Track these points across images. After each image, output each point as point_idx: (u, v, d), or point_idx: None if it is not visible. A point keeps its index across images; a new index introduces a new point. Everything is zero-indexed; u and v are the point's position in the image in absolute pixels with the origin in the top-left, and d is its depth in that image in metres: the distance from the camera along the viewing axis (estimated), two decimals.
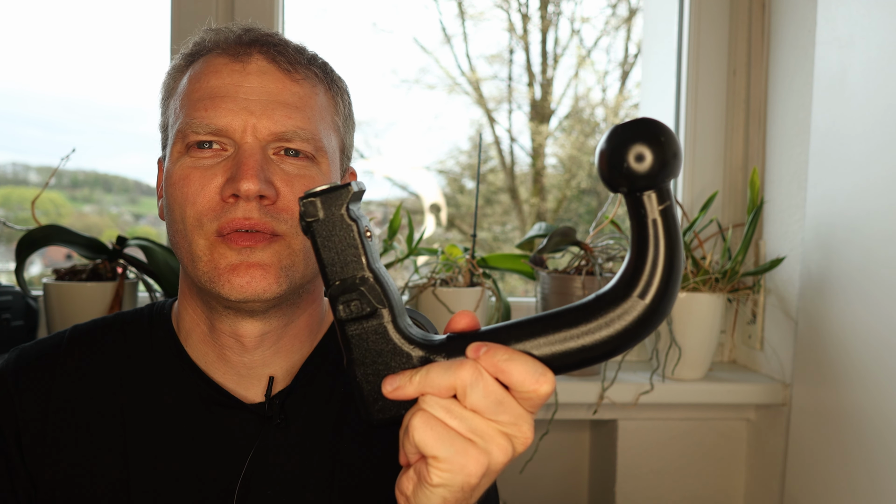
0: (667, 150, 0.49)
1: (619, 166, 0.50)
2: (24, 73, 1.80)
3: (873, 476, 1.12)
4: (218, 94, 0.75)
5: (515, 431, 0.54)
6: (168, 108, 0.81)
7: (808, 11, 1.35)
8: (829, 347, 1.23)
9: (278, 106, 0.76)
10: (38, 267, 1.84)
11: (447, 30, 2.71)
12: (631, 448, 1.48)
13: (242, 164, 0.73)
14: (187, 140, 0.75)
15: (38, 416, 0.79)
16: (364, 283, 0.56)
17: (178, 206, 0.75)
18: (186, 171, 0.75)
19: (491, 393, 0.52)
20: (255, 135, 0.75)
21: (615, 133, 0.50)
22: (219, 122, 0.74)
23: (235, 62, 0.77)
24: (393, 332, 0.56)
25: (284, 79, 0.78)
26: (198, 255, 0.74)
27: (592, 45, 2.87)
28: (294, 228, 0.75)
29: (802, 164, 1.36)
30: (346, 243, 0.56)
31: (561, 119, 2.95)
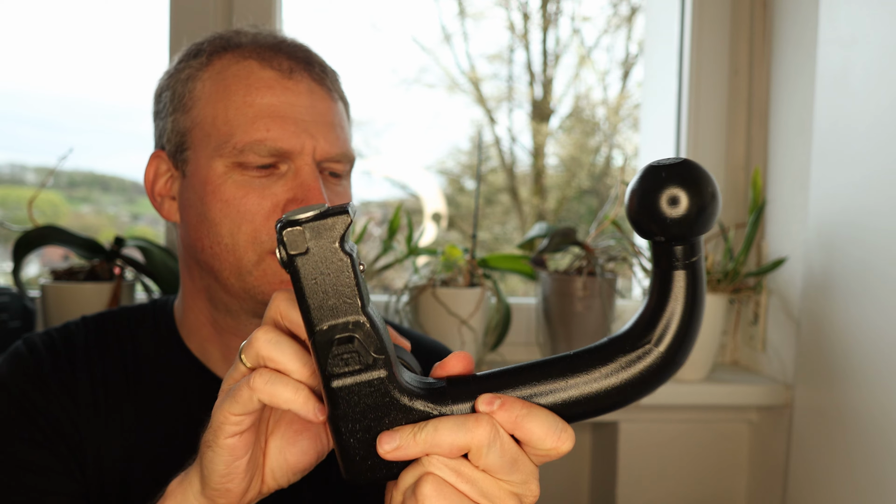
0: (707, 201, 0.44)
1: (655, 212, 0.44)
2: (21, 72, 1.80)
3: (876, 478, 1.12)
4: (277, 113, 0.76)
5: (525, 490, 0.49)
6: (192, 110, 0.79)
7: (811, 10, 1.34)
8: (832, 348, 1.23)
9: (330, 127, 0.79)
10: (35, 267, 1.83)
11: (447, 29, 2.70)
12: (632, 450, 1.47)
13: (311, 187, 0.75)
14: (244, 159, 0.75)
15: (70, 403, 0.79)
16: (359, 329, 0.48)
17: (231, 221, 0.75)
18: (242, 189, 0.75)
19: (507, 452, 0.48)
20: (313, 156, 0.77)
21: (650, 173, 0.45)
22: (283, 144, 0.75)
23: (287, 79, 0.78)
24: (390, 383, 0.48)
25: (328, 98, 0.80)
26: (247, 269, 0.76)
27: (593, 45, 2.86)
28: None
29: (805, 163, 1.35)
30: (339, 282, 0.47)
31: (562, 118, 2.95)
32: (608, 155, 2.89)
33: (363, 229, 1.48)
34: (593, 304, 1.37)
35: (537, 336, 1.50)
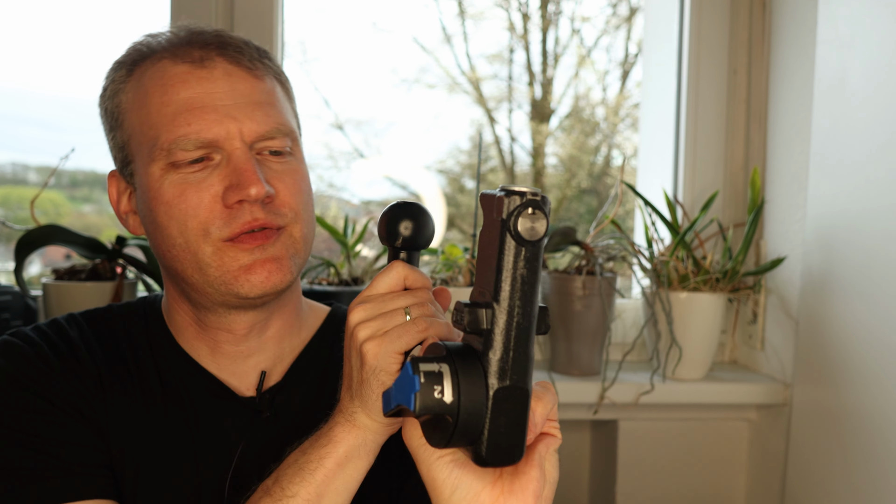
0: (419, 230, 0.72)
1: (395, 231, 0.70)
2: (23, 72, 1.80)
3: (874, 476, 1.12)
4: (194, 105, 0.76)
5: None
6: (124, 123, 0.80)
7: (809, 11, 1.34)
8: (830, 347, 1.23)
9: (255, 106, 0.77)
10: (37, 267, 1.83)
11: (447, 29, 2.70)
12: (631, 448, 1.48)
13: (243, 170, 0.75)
14: (174, 158, 0.75)
15: (80, 384, 0.79)
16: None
17: (176, 221, 0.76)
18: (179, 188, 0.75)
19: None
20: (241, 139, 0.76)
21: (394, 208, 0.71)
22: (206, 135, 0.75)
23: (199, 69, 0.77)
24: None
25: (249, 77, 0.79)
26: (206, 262, 0.76)
27: (593, 45, 2.86)
28: (293, 220, 0.78)
29: (803, 163, 1.35)
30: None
31: (561, 118, 2.95)
32: (608, 155, 2.89)
33: (363, 229, 1.49)
34: (593, 303, 1.38)
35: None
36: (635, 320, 1.58)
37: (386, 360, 0.65)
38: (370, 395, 0.66)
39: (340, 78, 2.39)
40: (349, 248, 1.45)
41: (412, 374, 0.55)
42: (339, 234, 1.45)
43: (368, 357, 0.65)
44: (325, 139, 2.67)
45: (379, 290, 0.68)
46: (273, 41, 1.46)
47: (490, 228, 0.55)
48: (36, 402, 0.76)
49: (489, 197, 0.55)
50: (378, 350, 0.65)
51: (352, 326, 0.67)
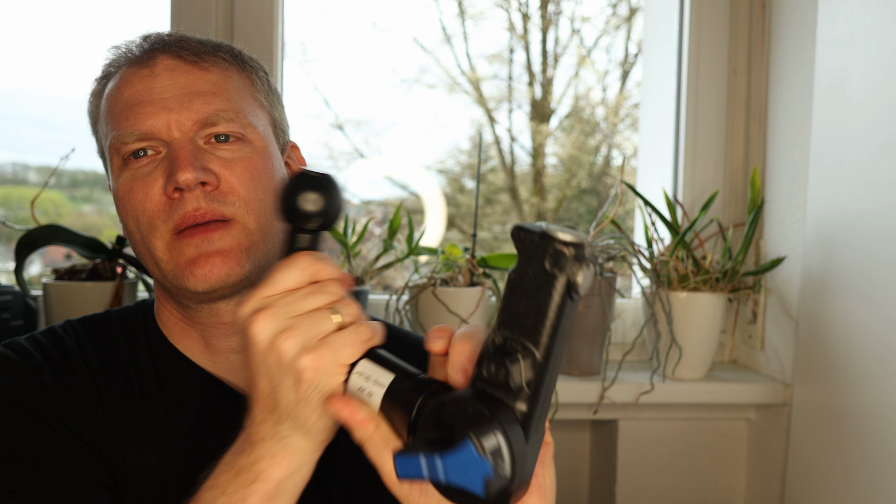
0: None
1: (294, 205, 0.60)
2: (23, 72, 1.80)
3: (874, 476, 1.12)
4: (135, 101, 0.77)
5: None
6: (98, 132, 0.83)
7: (809, 11, 1.34)
8: (830, 347, 1.23)
9: (194, 96, 0.77)
10: (37, 267, 1.83)
11: (447, 29, 2.70)
12: (631, 448, 1.48)
13: (176, 157, 0.74)
14: (121, 153, 0.77)
15: (77, 401, 0.78)
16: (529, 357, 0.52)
17: (131, 217, 0.77)
18: (129, 184, 0.77)
19: None
20: (180, 129, 0.76)
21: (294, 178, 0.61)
22: (142, 126, 0.76)
23: (142, 68, 0.79)
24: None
25: (193, 69, 0.79)
26: (158, 256, 0.76)
27: (593, 45, 2.87)
28: (244, 210, 0.76)
29: (803, 163, 1.36)
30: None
31: (561, 118, 2.95)
32: (607, 155, 2.89)
33: (364, 228, 1.49)
34: (593, 302, 1.38)
35: None
36: (635, 320, 1.59)
37: (329, 374, 0.58)
38: (310, 414, 0.59)
39: (340, 78, 2.39)
40: (349, 248, 1.46)
41: (480, 456, 0.48)
42: (339, 233, 1.45)
43: (307, 374, 0.58)
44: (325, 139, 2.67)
45: (282, 288, 0.59)
46: (273, 41, 1.46)
47: (537, 275, 0.49)
48: (28, 421, 0.74)
49: (535, 239, 0.49)
50: (318, 364, 0.58)
51: (265, 338, 0.58)
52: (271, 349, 0.58)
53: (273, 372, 0.59)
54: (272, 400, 0.60)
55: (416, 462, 0.51)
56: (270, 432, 0.61)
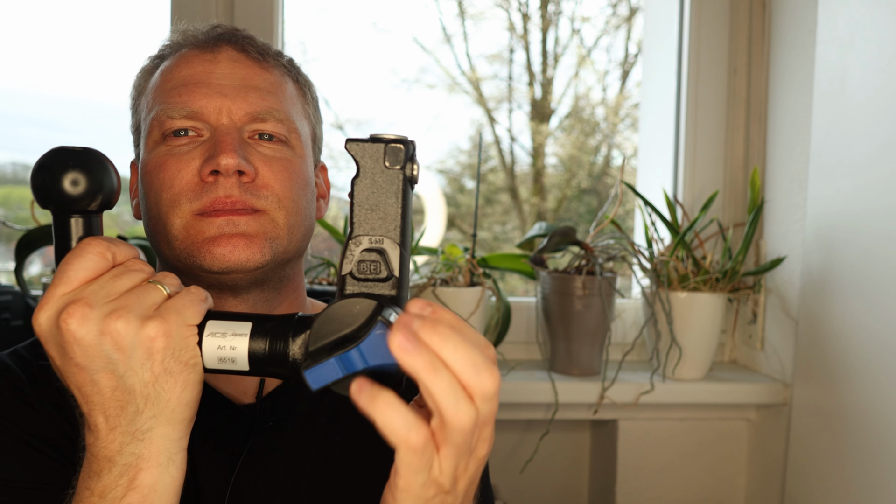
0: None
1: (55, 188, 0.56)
2: (23, 71, 1.80)
3: (873, 476, 1.12)
4: (191, 81, 0.77)
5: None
6: (139, 106, 0.82)
7: (809, 11, 1.34)
8: (830, 347, 1.23)
9: (251, 89, 0.78)
10: (37, 267, 1.83)
11: (447, 29, 2.71)
12: (631, 448, 1.48)
13: (220, 141, 0.73)
14: (164, 127, 0.76)
15: (61, 418, 0.75)
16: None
17: (154, 192, 0.75)
18: (162, 159, 0.75)
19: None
20: (230, 116, 0.76)
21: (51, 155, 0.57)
22: (193, 105, 0.75)
23: (205, 52, 0.79)
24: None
25: (255, 66, 0.80)
26: (174, 234, 0.73)
27: (593, 45, 2.87)
28: (275, 204, 0.75)
29: (803, 163, 1.36)
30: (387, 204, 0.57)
31: (561, 118, 2.95)
32: (607, 155, 2.89)
33: None
34: (593, 302, 1.38)
35: (537, 335, 1.51)
36: (635, 320, 1.59)
37: (181, 336, 0.55)
38: (172, 386, 0.55)
39: (341, 78, 2.40)
40: None
41: (388, 329, 0.52)
42: (339, 234, 1.45)
43: (158, 342, 0.54)
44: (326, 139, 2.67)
45: (82, 279, 0.54)
46: (273, 41, 1.47)
47: (376, 175, 0.56)
48: (13, 444, 0.71)
49: (369, 146, 0.56)
50: (167, 328, 0.54)
51: (90, 329, 0.53)
52: (102, 336, 0.53)
53: (114, 359, 0.54)
54: (121, 392, 0.55)
55: (329, 367, 0.53)
56: (127, 435, 0.56)
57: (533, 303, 1.53)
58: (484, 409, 0.50)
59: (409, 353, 0.47)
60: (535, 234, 1.49)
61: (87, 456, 0.58)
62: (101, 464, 0.56)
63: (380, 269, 0.55)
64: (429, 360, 0.48)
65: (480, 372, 0.49)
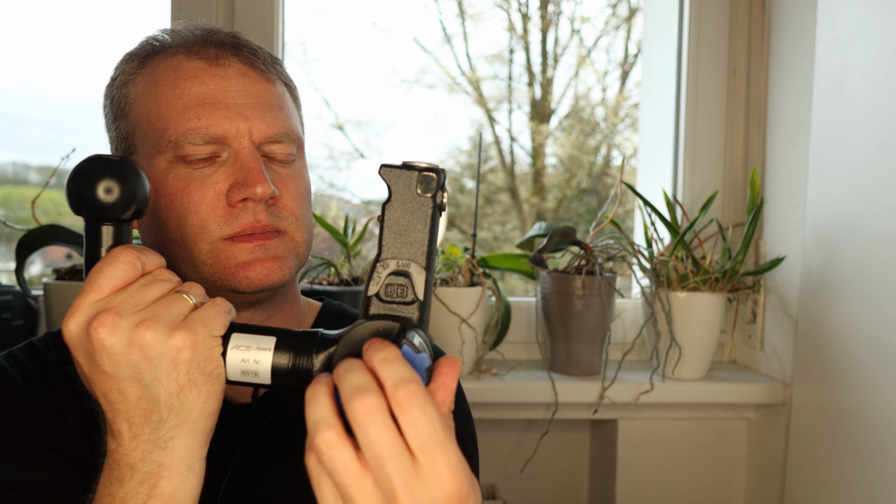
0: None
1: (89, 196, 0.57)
2: (23, 72, 1.80)
3: (873, 475, 1.12)
4: (207, 100, 0.75)
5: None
6: (130, 114, 0.79)
7: (809, 11, 1.35)
8: (830, 347, 1.23)
9: (266, 108, 0.77)
10: (38, 266, 1.84)
11: (447, 29, 2.71)
12: (631, 448, 1.48)
13: (251, 168, 0.74)
14: (181, 152, 0.74)
15: (60, 421, 0.76)
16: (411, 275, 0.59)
17: (176, 215, 0.74)
18: (184, 182, 0.74)
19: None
20: (250, 138, 0.75)
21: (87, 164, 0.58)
22: (216, 130, 0.74)
23: (214, 66, 0.77)
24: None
25: (262, 80, 0.79)
26: (201, 259, 0.74)
27: (592, 45, 2.87)
28: (294, 225, 0.77)
29: (802, 163, 1.36)
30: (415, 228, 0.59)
31: (561, 119, 2.95)
32: (607, 155, 2.90)
33: (364, 229, 1.49)
34: (592, 302, 1.38)
35: (537, 335, 1.51)
36: (635, 320, 1.59)
37: (207, 347, 0.56)
38: (196, 397, 0.56)
39: (341, 78, 2.40)
40: (349, 248, 1.46)
41: (416, 353, 0.53)
42: (339, 234, 1.45)
43: (184, 353, 0.55)
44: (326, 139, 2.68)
45: (112, 288, 0.56)
46: (273, 41, 1.47)
47: (407, 202, 0.58)
48: (10, 447, 0.72)
49: (403, 173, 0.58)
50: (193, 339, 0.55)
51: (120, 338, 0.54)
52: (131, 346, 0.54)
53: (142, 368, 0.55)
54: (146, 402, 0.56)
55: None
56: (150, 444, 0.57)
57: (533, 303, 1.53)
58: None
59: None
60: (534, 234, 1.49)
61: (108, 462, 0.58)
62: (123, 470, 0.57)
63: (406, 292, 0.57)
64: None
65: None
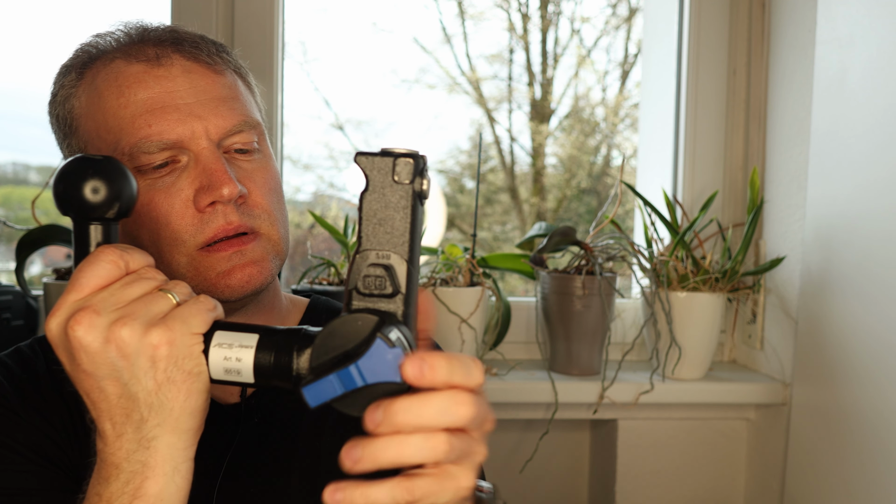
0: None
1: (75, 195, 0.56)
2: (23, 72, 1.80)
3: (872, 475, 1.13)
4: (155, 105, 0.72)
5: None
6: (79, 129, 0.76)
7: (809, 11, 1.35)
8: (829, 347, 1.24)
9: (219, 102, 0.74)
10: (38, 266, 1.84)
11: (447, 29, 2.71)
12: (631, 448, 1.48)
13: (214, 170, 0.71)
14: (137, 163, 0.71)
15: (48, 426, 0.75)
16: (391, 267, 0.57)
17: (147, 230, 0.72)
18: (147, 195, 0.72)
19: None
20: (208, 137, 0.73)
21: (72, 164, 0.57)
22: (170, 135, 0.71)
23: (156, 67, 0.74)
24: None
25: (210, 73, 0.76)
26: (181, 273, 0.73)
27: (592, 45, 2.87)
28: (268, 222, 0.75)
29: (802, 163, 1.36)
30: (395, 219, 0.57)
31: (561, 119, 2.96)
32: (607, 155, 2.90)
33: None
34: (592, 302, 1.38)
35: (537, 335, 1.51)
36: (635, 320, 1.59)
37: (186, 345, 0.54)
38: (175, 395, 0.55)
39: (341, 78, 2.40)
40: (349, 248, 1.46)
41: (390, 348, 0.52)
42: (339, 233, 1.46)
43: (162, 350, 0.53)
44: (326, 139, 2.68)
45: (94, 286, 0.54)
46: (273, 42, 1.47)
47: (384, 190, 0.55)
48: (2, 452, 0.71)
49: (378, 159, 0.55)
50: (171, 336, 0.54)
51: (96, 336, 0.53)
52: (107, 343, 0.53)
53: (119, 366, 0.53)
54: (126, 400, 0.55)
55: (327, 384, 0.53)
56: (133, 443, 0.55)
57: (533, 303, 1.53)
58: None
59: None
60: (534, 234, 1.49)
61: (97, 461, 0.58)
62: (110, 470, 0.56)
63: (385, 284, 0.55)
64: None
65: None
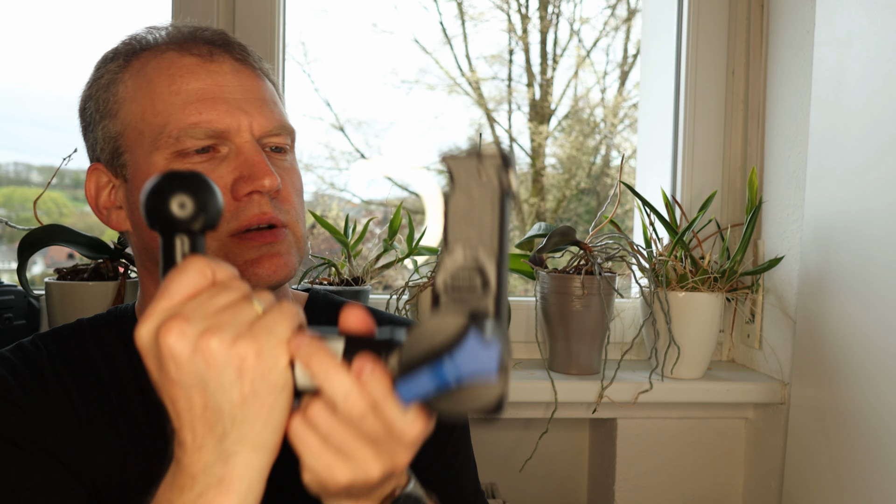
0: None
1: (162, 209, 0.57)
2: (25, 72, 1.81)
3: (871, 475, 1.13)
4: (205, 96, 0.76)
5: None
6: (119, 113, 0.79)
7: (807, 12, 1.35)
8: (828, 347, 1.24)
9: (263, 103, 0.79)
10: (40, 266, 1.84)
11: (447, 31, 2.71)
12: (630, 447, 1.49)
13: (255, 162, 0.75)
14: (182, 146, 0.75)
15: (51, 421, 0.76)
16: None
17: None
18: None
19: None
20: (251, 132, 0.77)
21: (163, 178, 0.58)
22: (218, 125, 0.75)
23: (209, 62, 0.78)
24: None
25: (254, 76, 0.81)
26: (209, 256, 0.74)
27: (592, 46, 2.87)
28: (294, 218, 0.79)
29: (801, 164, 1.36)
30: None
31: (560, 119, 2.96)
32: (606, 155, 2.90)
33: (364, 229, 1.50)
34: (592, 302, 1.38)
35: (536, 334, 1.51)
36: (634, 320, 1.59)
37: (273, 356, 0.53)
38: (258, 410, 0.53)
39: (341, 79, 2.40)
40: (350, 248, 1.46)
41: (486, 339, 0.52)
42: (339, 233, 1.46)
43: (249, 361, 0.52)
44: (326, 140, 2.68)
45: (183, 295, 0.54)
46: (274, 42, 1.47)
47: (472, 188, 0.55)
48: (5, 447, 0.72)
49: (463, 159, 0.55)
50: (259, 346, 0.53)
51: (186, 345, 0.52)
52: (196, 353, 0.52)
53: (206, 377, 0.52)
54: (212, 412, 0.53)
55: (421, 379, 0.53)
56: (213, 455, 0.54)
57: (532, 302, 1.53)
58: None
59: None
60: (534, 234, 1.50)
61: (172, 468, 0.57)
62: (185, 480, 0.56)
63: (474, 280, 0.55)
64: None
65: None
